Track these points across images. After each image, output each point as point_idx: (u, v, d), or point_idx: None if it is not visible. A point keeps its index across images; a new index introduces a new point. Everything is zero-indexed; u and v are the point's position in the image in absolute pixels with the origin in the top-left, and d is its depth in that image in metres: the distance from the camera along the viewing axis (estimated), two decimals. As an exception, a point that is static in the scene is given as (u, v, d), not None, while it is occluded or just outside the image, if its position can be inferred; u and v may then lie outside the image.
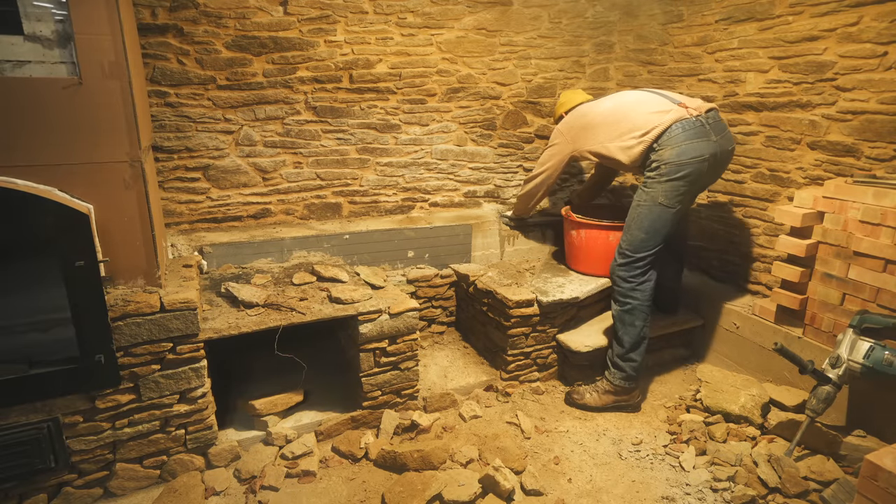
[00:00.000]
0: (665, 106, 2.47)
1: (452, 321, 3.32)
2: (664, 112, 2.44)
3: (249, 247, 2.71)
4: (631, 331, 2.52)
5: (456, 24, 3.13)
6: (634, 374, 2.55)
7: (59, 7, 1.65)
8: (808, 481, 2.06)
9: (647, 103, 2.52)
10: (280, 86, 2.82)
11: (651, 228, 2.44)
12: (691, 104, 2.47)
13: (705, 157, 2.36)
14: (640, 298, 2.50)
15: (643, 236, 2.45)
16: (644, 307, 2.51)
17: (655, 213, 2.42)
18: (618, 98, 2.70)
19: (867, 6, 2.33)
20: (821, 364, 2.19)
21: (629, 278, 2.50)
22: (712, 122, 2.43)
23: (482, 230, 3.25)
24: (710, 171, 2.43)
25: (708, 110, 2.46)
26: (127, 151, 1.82)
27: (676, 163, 2.36)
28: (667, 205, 2.41)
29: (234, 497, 2.02)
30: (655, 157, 2.42)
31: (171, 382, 2.00)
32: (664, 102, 2.50)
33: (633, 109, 2.54)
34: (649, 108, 2.48)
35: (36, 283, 1.82)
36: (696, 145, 2.36)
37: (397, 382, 2.46)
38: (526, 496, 2.05)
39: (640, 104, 2.54)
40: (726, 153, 2.46)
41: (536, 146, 3.56)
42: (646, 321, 2.52)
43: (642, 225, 2.45)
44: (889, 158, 2.34)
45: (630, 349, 2.53)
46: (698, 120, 2.40)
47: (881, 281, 2.18)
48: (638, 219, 2.47)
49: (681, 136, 2.37)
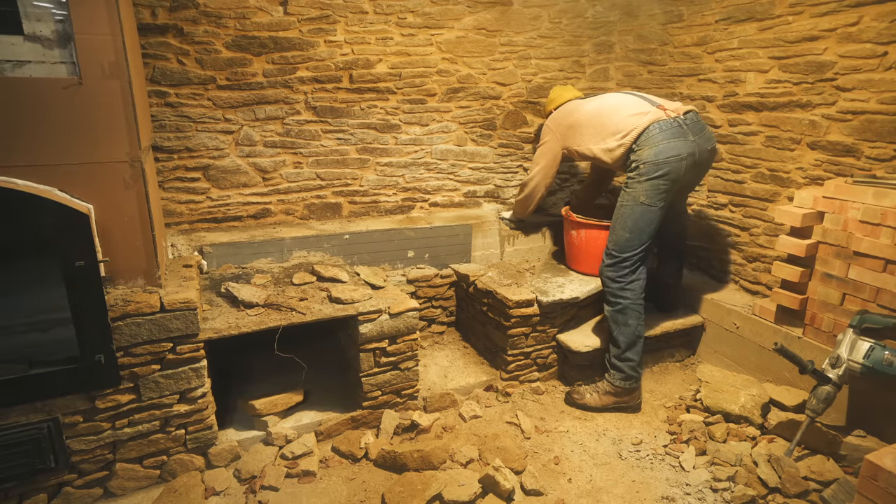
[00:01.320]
0: (643, 108, 2.55)
1: (452, 321, 3.32)
2: (642, 114, 2.51)
3: (249, 247, 2.71)
4: (625, 330, 2.53)
5: (456, 24, 3.13)
6: (633, 373, 2.55)
7: (59, 7, 1.65)
8: (808, 481, 2.06)
9: (627, 106, 2.60)
10: (280, 86, 2.82)
11: (635, 227, 2.48)
12: (670, 106, 2.54)
13: (682, 155, 2.42)
14: (630, 297, 2.52)
15: (628, 235, 2.50)
16: (635, 306, 2.53)
17: (638, 212, 2.47)
18: (601, 101, 2.77)
19: (867, 6, 2.33)
20: (821, 364, 2.19)
21: (617, 278, 2.54)
22: (690, 122, 2.49)
23: (482, 230, 3.25)
24: (690, 170, 2.48)
25: (686, 112, 2.53)
26: (127, 151, 1.82)
27: (654, 162, 2.41)
28: (648, 203, 2.46)
29: (234, 497, 2.02)
30: (634, 157, 2.49)
31: (171, 382, 2.00)
32: (643, 105, 2.57)
33: (615, 112, 2.61)
34: (629, 111, 2.56)
35: (36, 283, 1.82)
36: (672, 144, 2.42)
37: (397, 382, 2.46)
38: (526, 496, 2.05)
39: (620, 107, 2.62)
40: (706, 152, 2.51)
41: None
42: (639, 320, 2.54)
43: (626, 225, 2.50)
44: (889, 158, 2.34)
45: (626, 349, 2.53)
46: (675, 121, 2.47)
47: (881, 281, 2.18)
48: (622, 219, 2.52)
49: (658, 137, 2.44)
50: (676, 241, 2.98)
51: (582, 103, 2.85)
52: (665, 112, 2.50)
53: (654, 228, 2.50)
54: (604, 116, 2.66)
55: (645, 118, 2.49)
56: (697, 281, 3.21)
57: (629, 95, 2.70)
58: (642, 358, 2.58)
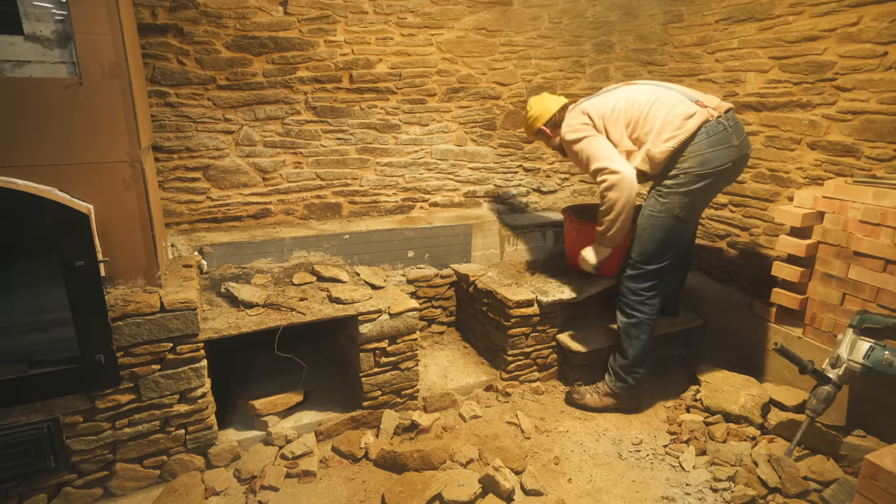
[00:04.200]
0: (687, 107, 2.22)
1: (452, 321, 3.32)
2: (688, 116, 2.20)
3: (249, 247, 2.71)
4: (636, 344, 2.46)
5: (456, 24, 3.13)
6: (636, 384, 2.52)
7: (59, 7, 1.65)
8: (808, 481, 2.06)
9: (666, 103, 2.26)
10: (280, 86, 2.82)
11: (665, 241, 2.31)
12: (710, 103, 2.25)
13: (729, 164, 2.20)
14: (647, 313, 2.43)
15: (655, 248, 2.32)
16: (650, 321, 2.44)
17: (670, 225, 2.28)
18: (628, 95, 2.37)
19: (867, 6, 2.33)
20: (821, 364, 2.19)
21: (639, 290, 2.41)
22: (732, 124, 2.23)
23: (482, 230, 3.25)
24: (729, 178, 2.31)
25: (726, 110, 2.26)
26: (127, 151, 1.82)
27: (699, 173, 2.19)
28: (684, 217, 2.27)
29: (234, 497, 2.02)
30: (678, 165, 2.22)
31: (171, 382, 2.00)
32: (684, 102, 2.25)
33: (656, 110, 2.27)
34: (673, 110, 2.23)
35: (36, 283, 1.81)
36: (721, 153, 2.18)
37: (397, 382, 2.45)
38: (526, 496, 2.05)
39: (660, 104, 2.27)
40: (746, 158, 2.30)
41: (536, 146, 3.56)
42: (651, 334, 2.46)
43: (655, 237, 2.31)
44: (889, 158, 2.34)
45: (634, 362, 2.48)
46: (720, 123, 2.20)
47: (881, 281, 2.18)
48: (651, 230, 2.31)
49: (705, 143, 2.18)
50: (686, 250, 2.84)
51: (601, 102, 2.42)
52: (708, 111, 2.21)
53: (684, 240, 2.37)
54: (639, 113, 2.28)
55: (692, 121, 2.18)
56: (697, 281, 3.21)
57: (662, 89, 2.34)
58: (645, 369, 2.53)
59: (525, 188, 3.62)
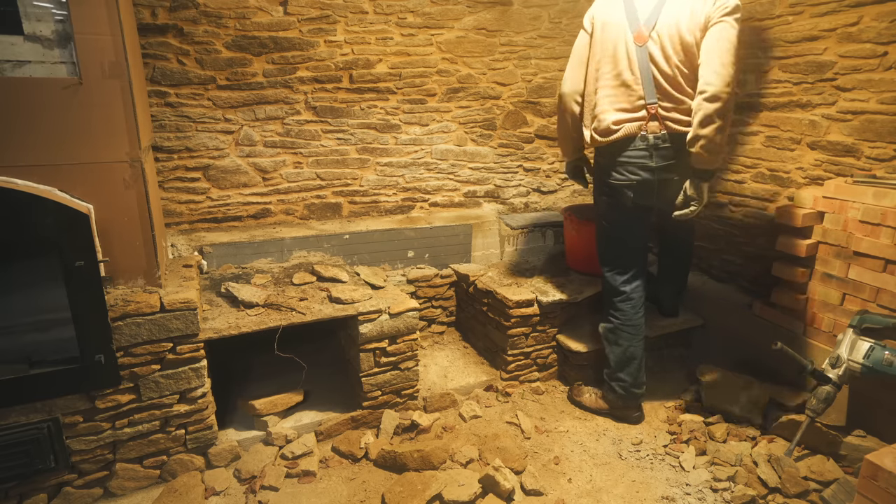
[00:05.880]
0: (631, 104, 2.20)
1: (452, 321, 3.32)
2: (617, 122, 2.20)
3: (249, 247, 2.71)
4: (615, 350, 2.45)
5: (456, 24, 3.13)
6: (625, 393, 2.45)
7: (59, 7, 1.65)
8: (808, 481, 2.06)
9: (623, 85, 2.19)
10: (280, 86, 2.82)
11: (606, 245, 2.46)
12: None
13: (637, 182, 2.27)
14: (620, 318, 2.42)
15: (602, 252, 2.48)
16: (625, 328, 2.41)
17: (601, 230, 2.46)
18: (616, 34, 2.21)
19: (867, 6, 2.33)
20: (821, 364, 2.19)
21: (609, 295, 2.46)
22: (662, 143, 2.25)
23: (482, 230, 3.25)
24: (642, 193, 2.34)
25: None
26: (127, 151, 1.83)
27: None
28: (609, 223, 2.44)
29: (234, 497, 2.02)
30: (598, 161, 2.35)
31: (171, 382, 2.00)
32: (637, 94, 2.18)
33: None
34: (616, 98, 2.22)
35: (36, 283, 1.82)
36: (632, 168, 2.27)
37: (397, 382, 2.45)
38: (526, 496, 2.05)
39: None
40: (665, 182, 2.30)
41: (536, 146, 3.56)
42: (631, 341, 2.41)
43: (600, 240, 2.49)
44: (889, 158, 2.34)
45: (616, 368, 2.46)
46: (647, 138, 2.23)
47: (881, 281, 2.18)
48: (597, 233, 2.51)
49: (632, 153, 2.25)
50: (683, 251, 2.84)
51: None
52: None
53: (632, 244, 2.43)
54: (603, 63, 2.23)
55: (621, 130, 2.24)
56: (697, 281, 3.21)
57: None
58: (641, 377, 2.45)
59: (525, 188, 3.62)
